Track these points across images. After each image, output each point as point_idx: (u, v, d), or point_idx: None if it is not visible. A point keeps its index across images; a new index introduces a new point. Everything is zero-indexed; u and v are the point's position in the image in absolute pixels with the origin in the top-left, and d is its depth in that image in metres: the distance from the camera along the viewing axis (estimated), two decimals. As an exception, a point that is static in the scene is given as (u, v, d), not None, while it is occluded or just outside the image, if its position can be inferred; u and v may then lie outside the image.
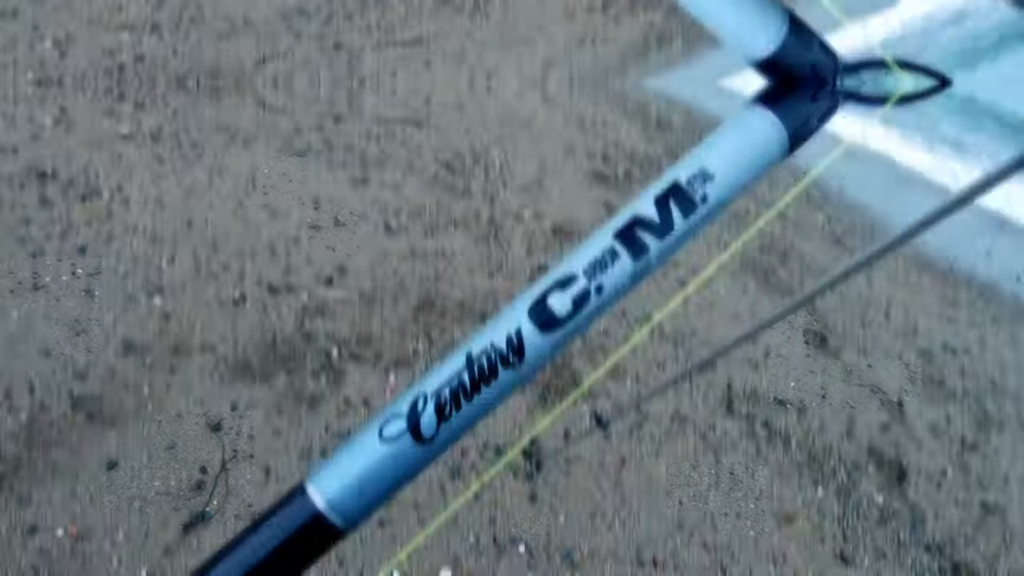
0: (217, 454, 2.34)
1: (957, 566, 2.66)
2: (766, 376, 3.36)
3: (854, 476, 2.94)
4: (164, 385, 2.52)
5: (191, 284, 3.00)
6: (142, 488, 2.16)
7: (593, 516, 2.50)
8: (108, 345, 2.60)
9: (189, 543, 2.06)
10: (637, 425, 2.92)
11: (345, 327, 3.00)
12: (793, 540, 2.61)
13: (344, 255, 3.46)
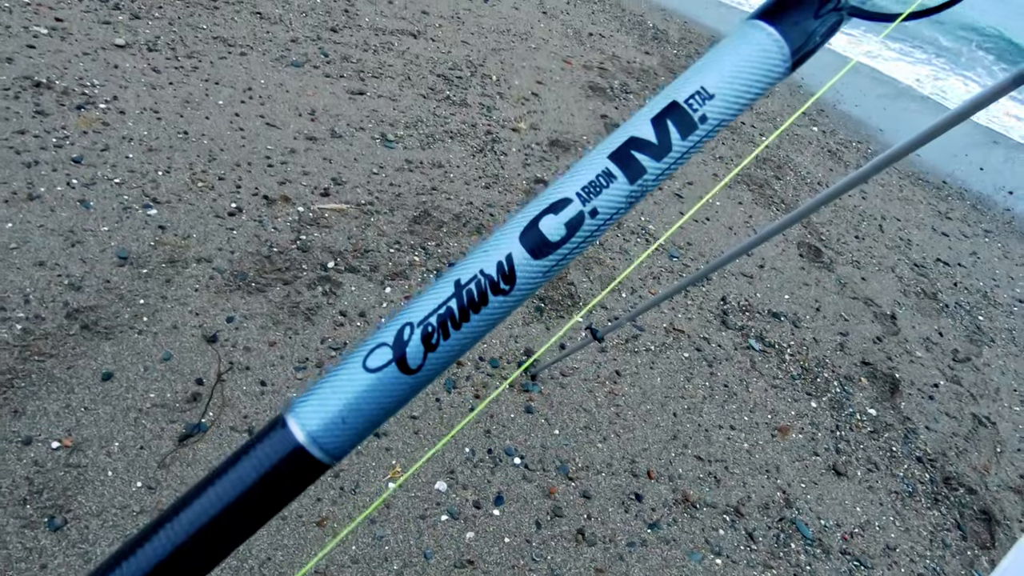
0: (213, 366, 2.23)
1: (948, 478, 2.59)
2: (760, 289, 3.24)
3: (847, 389, 2.84)
4: (160, 296, 2.39)
5: (187, 195, 2.84)
6: (137, 400, 2.06)
7: (588, 428, 2.41)
8: (104, 256, 2.46)
9: (185, 455, 1.96)
10: (632, 338, 2.80)
11: (341, 239, 2.85)
12: (786, 452, 2.53)
13: (340, 167, 3.29)
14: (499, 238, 0.46)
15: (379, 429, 2.04)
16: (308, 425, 0.44)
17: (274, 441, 0.44)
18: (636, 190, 0.47)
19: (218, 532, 0.42)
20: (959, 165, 5.71)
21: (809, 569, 2.16)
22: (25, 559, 1.65)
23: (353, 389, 0.44)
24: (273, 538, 1.84)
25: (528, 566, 1.95)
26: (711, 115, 0.45)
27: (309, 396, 0.45)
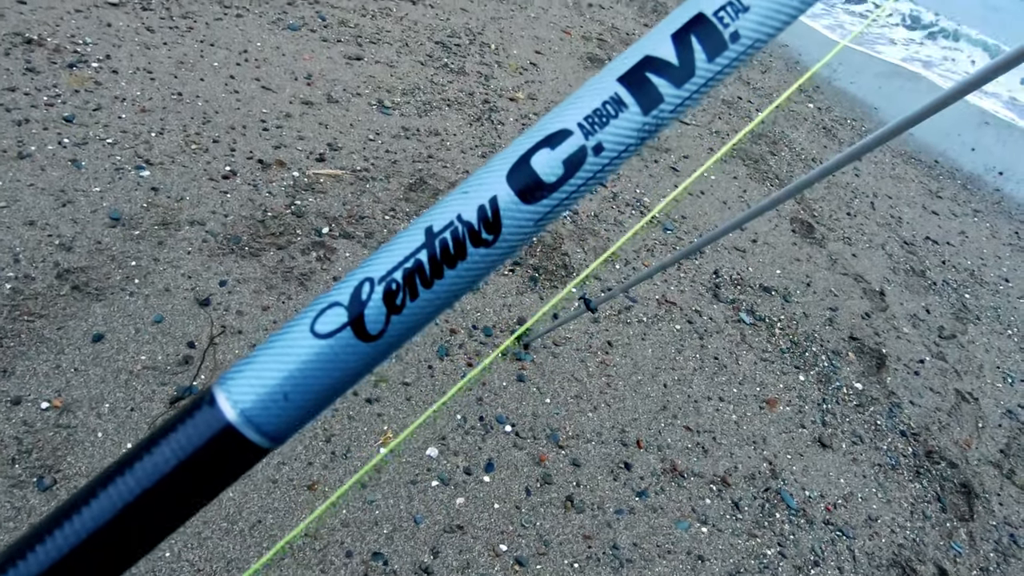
0: (205, 329, 2.19)
1: (931, 451, 2.59)
2: (752, 263, 3.21)
3: (835, 363, 2.83)
4: (152, 258, 2.34)
5: (180, 157, 2.78)
6: (128, 362, 2.02)
7: (579, 398, 2.39)
8: (95, 217, 2.40)
9: (176, 417, 1.93)
10: (625, 309, 2.77)
11: (336, 204, 2.80)
12: (774, 424, 2.52)
13: (337, 132, 3.22)
14: (482, 177, 0.37)
15: (371, 395, 2.01)
16: (241, 402, 0.35)
17: (199, 420, 0.35)
18: (651, 122, 0.37)
19: (128, 528, 0.34)
20: (951, 144, 5.67)
21: (793, 538, 2.16)
22: (13, 518, 1.63)
23: (297, 358, 0.35)
24: (264, 501, 1.81)
25: (517, 532, 1.93)
26: (744, 32, 0.35)
27: (244, 366, 0.36)
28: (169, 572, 1.63)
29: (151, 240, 2.40)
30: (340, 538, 1.80)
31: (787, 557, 2.11)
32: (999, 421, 2.88)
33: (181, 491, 0.35)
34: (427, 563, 1.80)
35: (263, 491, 1.83)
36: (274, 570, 1.69)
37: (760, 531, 2.15)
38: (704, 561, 2.02)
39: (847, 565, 2.14)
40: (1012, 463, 2.70)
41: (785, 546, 2.13)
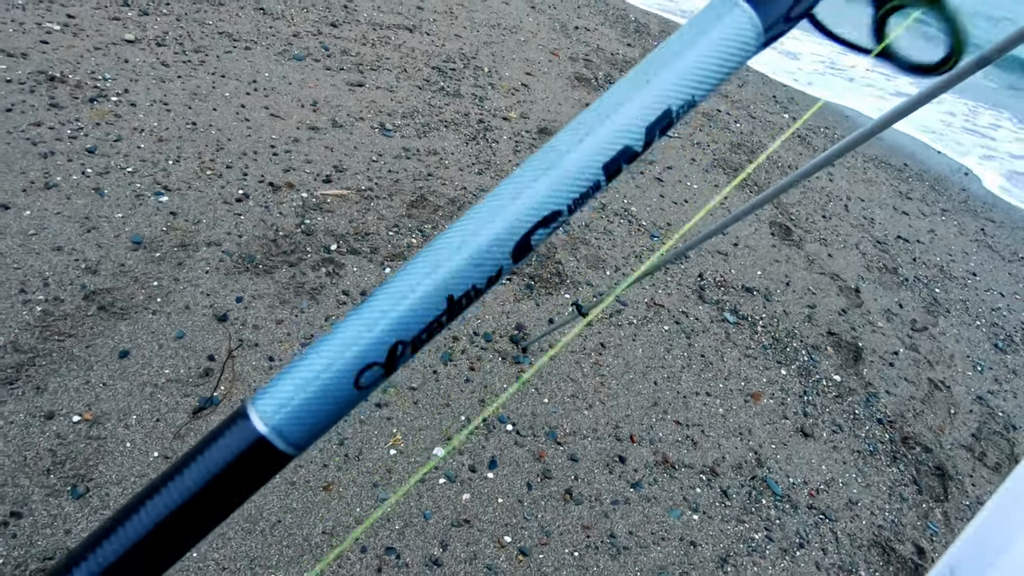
0: (224, 343, 2.21)
1: (906, 437, 2.61)
2: (735, 266, 3.24)
3: (814, 357, 2.85)
4: (172, 278, 2.37)
5: (196, 183, 2.81)
6: (153, 376, 2.04)
7: (575, 397, 2.41)
8: (118, 241, 2.43)
9: (199, 427, 1.95)
10: (616, 312, 2.80)
11: (343, 222, 2.83)
12: (758, 416, 2.54)
13: (342, 155, 3.25)
14: (492, 250, 0.41)
15: (380, 400, 2.04)
16: (271, 418, 0.39)
17: (236, 432, 0.39)
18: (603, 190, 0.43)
19: (177, 529, 0.38)
20: (917, 147, 5.70)
21: (779, 523, 2.18)
22: (50, 524, 1.65)
23: (336, 402, 0.40)
24: (282, 502, 1.84)
25: (520, 524, 1.95)
26: (687, 109, 0.42)
27: (275, 390, 0.40)
28: (197, 571, 1.65)
29: (171, 261, 2.42)
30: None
31: (774, 540, 2.12)
32: (970, 407, 2.90)
33: (221, 494, 0.39)
34: (437, 555, 1.82)
35: (281, 493, 1.86)
36: (293, 566, 1.71)
37: (748, 517, 2.17)
38: (696, 546, 2.04)
39: (830, 547, 2.16)
40: (983, 446, 2.72)
41: (772, 530, 2.15)
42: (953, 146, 5.92)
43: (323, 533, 1.80)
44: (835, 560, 2.12)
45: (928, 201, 4.68)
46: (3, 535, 1.60)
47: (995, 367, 3.20)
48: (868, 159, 5.05)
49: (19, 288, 2.17)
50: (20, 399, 1.88)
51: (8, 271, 2.21)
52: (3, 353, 1.97)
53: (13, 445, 1.78)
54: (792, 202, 4.05)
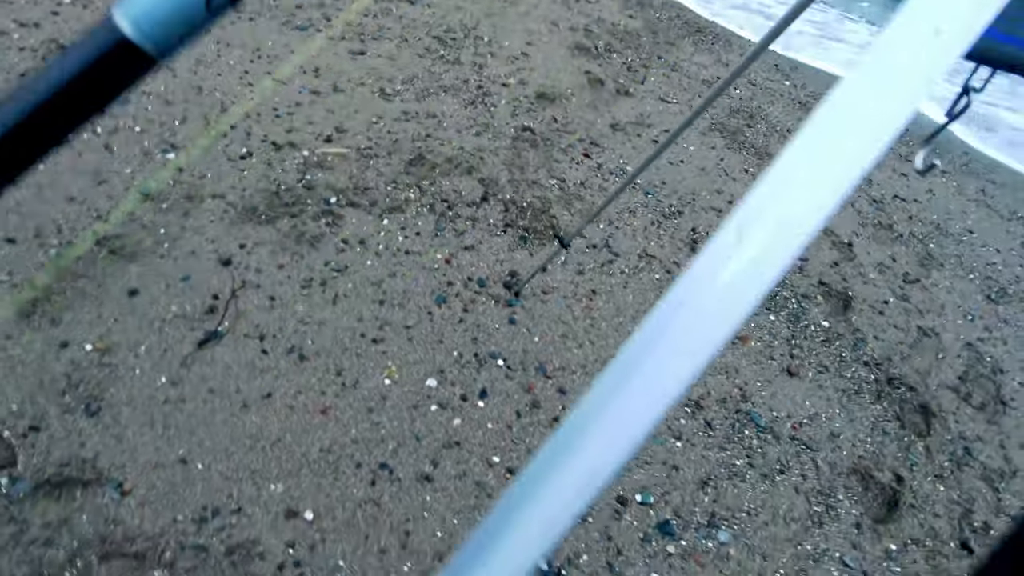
0: (227, 284, 2.35)
1: (892, 378, 2.71)
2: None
3: (804, 305, 2.95)
4: (179, 227, 2.51)
5: (202, 141, 2.95)
6: (161, 311, 2.18)
7: (565, 337, 2.52)
8: (127, 193, 2.57)
9: (203, 356, 2.09)
10: (608, 262, 2.91)
11: (343, 178, 2.96)
12: (745, 357, 2.65)
13: (343, 117, 3.38)
14: None
15: (376, 336, 2.16)
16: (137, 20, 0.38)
17: (100, 33, 0.38)
18: None
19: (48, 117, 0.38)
20: (917, 115, 5.75)
21: (760, 451, 2.29)
22: (65, 438, 1.79)
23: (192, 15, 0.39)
24: (283, 424, 1.97)
25: (508, 447, 2.08)
26: None
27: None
28: (202, 480, 1.79)
29: (178, 211, 2.56)
30: (351, 452, 1.95)
31: (755, 466, 2.23)
32: (959, 352, 2.99)
33: (89, 90, 0.40)
34: (428, 472, 1.95)
35: (282, 415, 1.99)
36: (292, 478, 1.85)
37: (730, 445, 2.28)
38: (678, 470, 2.15)
39: (810, 473, 2.26)
40: (969, 388, 2.81)
41: (753, 458, 2.26)
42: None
43: (320, 451, 1.94)
44: (814, 485, 2.23)
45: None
46: (23, 445, 1.75)
47: (986, 316, 3.28)
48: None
49: (35, 233, 2.31)
50: (37, 330, 2.02)
51: (24, 219, 2.35)
52: (20, 290, 2.11)
53: (31, 369, 1.92)
54: (789, 163, 4.13)
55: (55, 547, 1.58)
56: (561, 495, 0.33)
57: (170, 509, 1.71)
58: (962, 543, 2.17)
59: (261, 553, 1.68)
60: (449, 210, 2.96)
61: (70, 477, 1.71)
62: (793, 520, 2.10)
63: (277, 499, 1.80)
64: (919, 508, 2.24)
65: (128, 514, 1.67)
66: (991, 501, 2.34)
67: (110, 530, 1.64)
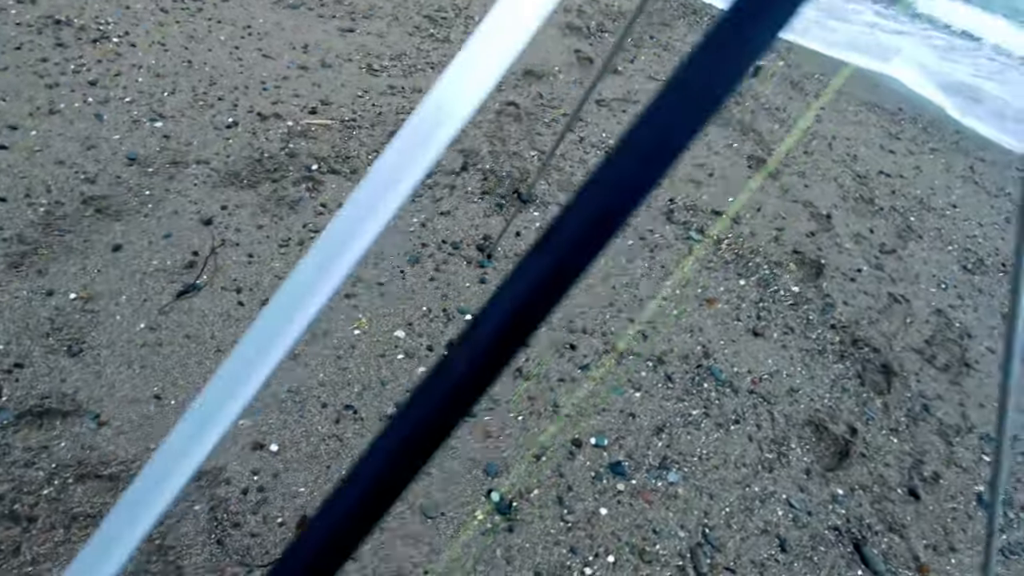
0: (208, 241, 2.49)
1: (857, 340, 2.81)
2: (707, 193, 3.45)
3: (775, 271, 3.06)
4: (163, 189, 2.66)
5: (189, 111, 3.09)
6: (142, 265, 2.33)
7: (534, 295, 2.64)
8: (115, 157, 2.72)
9: (182, 306, 2.23)
10: (582, 227, 3.02)
11: (325, 148, 3.10)
12: (711, 318, 2.76)
13: (329, 90, 3.52)
14: None
15: (349, 291, 2.30)
16: None
17: None
18: None
19: None
20: (914, 95, 5.82)
21: (718, 403, 2.40)
22: (48, 375, 1.94)
23: None
24: (254, 367, 2.10)
25: (470, 393, 2.20)
26: None
27: None
28: (175, 414, 1.93)
29: (163, 175, 2.71)
30: (317, 394, 2.09)
31: (710, 416, 2.35)
32: (927, 318, 3.09)
33: None
34: (391, 413, 2.09)
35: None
36: (260, 415, 1.99)
37: (688, 397, 2.40)
38: (635, 417, 2.27)
39: (765, 424, 2.38)
40: (934, 351, 2.92)
41: (709, 408, 2.38)
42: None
43: (288, 391, 2.08)
44: (768, 435, 2.34)
45: (918, 141, 4.82)
46: (8, 380, 1.90)
47: (960, 285, 3.38)
48: (860, 103, 5.20)
49: (24, 193, 2.46)
50: (24, 279, 2.17)
51: (15, 180, 2.50)
52: (9, 244, 2.26)
53: (17, 314, 2.07)
54: (774, 139, 4.24)
55: (35, 468, 1.73)
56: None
57: (143, 439, 1.85)
58: (909, 490, 2.28)
59: (228, 479, 1.82)
60: (428, 178, 3.09)
61: (51, 408, 1.86)
62: (744, 465, 2.22)
63: (245, 433, 1.94)
64: (870, 458, 2.36)
65: (104, 442, 1.82)
66: (943, 453, 2.45)
67: (86, 455, 1.78)
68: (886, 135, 4.78)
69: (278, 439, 1.94)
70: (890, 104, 5.36)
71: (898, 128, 4.94)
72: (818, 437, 2.40)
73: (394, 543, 1.78)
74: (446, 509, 1.88)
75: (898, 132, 4.86)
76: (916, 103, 5.59)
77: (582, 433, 2.18)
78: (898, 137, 4.79)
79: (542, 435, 2.14)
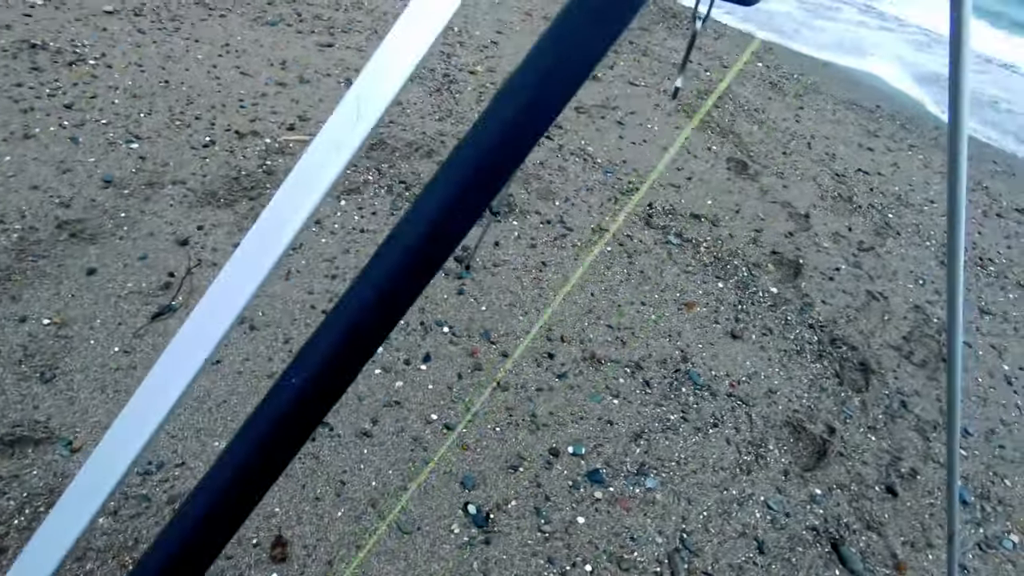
0: (184, 262, 2.48)
1: (835, 339, 2.81)
2: (686, 196, 3.45)
3: (754, 273, 3.05)
4: (139, 211, 2.64)
5: (166, 132, 3.08)
6: (117, 288, 2.31)
7: (512, 306, 2.64)
8: (90, 181, 2.71)
9: (157, 328, 2.22)
10: (560, 236, 3.02)
11: (302, 163, 3.08)
12: (690, 322, 2.75)
13: (307, 106, 3.51)
14: None
15: (326, 307, 2.28)
16: None
17: None
18: None
19: None
20: (895, 91, 5.83)
21: (696, 407, 2.39)
22: (20, 402, 1.92)
23: None
24: (230, 386, 2.09)
25: (448, 405, 2.20)
26: None
27: None
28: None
29: (139, 197, 2.69)
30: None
31: (689, 421, 2.34)
32: (905, 315, 3.09)
33: None
34: (367, 428, 2.07)
35: (229, 379, 2.11)
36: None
37: (666, 402, 2.39)
38: (613, 424, 2.26)
39: (744, 426, 2.37)
40: (912, 347, 2.91)
41: (688, 413, 2.37)
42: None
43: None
44: (746, 437, 2.33)
45: (896, 139, 4.83)
46: (-21, 409, 1.88)
47: (938, 281, 3.37)
48: (839, 101, 5.21)
49: (-1, 219, 2.45)
50: (-3, 306, 2.16)
51: (-11, 206, 2.49)
52: (-17, 271, 2.25)
53: (-10, 341, 2.06)
54: (754, 140, 4.24)
55: (6, 498, 1.71)
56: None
57: (116, 463, 1.83)
58: (887, 487, 2.27)
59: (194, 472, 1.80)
60: (407, 191, 3.08)
61: (23, 436, 1.84)
62: (722, 468, 2.21)
63: (219, 454, 1.92)
64: (848, 456, 2.35)
65: (76, 469, 1.80)
66: (921, 449, 2.44)
67: (59, 483, 1.77)
68: (864, 133, 4.78)
69: (253, 459, 1.92)
70: (867, 102, 5.36)
71: (876, 126, 4.94)
72: (796, 438, 2.39)
73: (370, 561, 1.76)
74: (423, 524, 1.87)
75: (876, 130, 4.87)
76: (895, 100, 5.60)
77: (560, 442, 2.17)
78: (876, 135, 4.79)
79: (519, 445, 2.13)
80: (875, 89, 5.72)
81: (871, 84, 5.84)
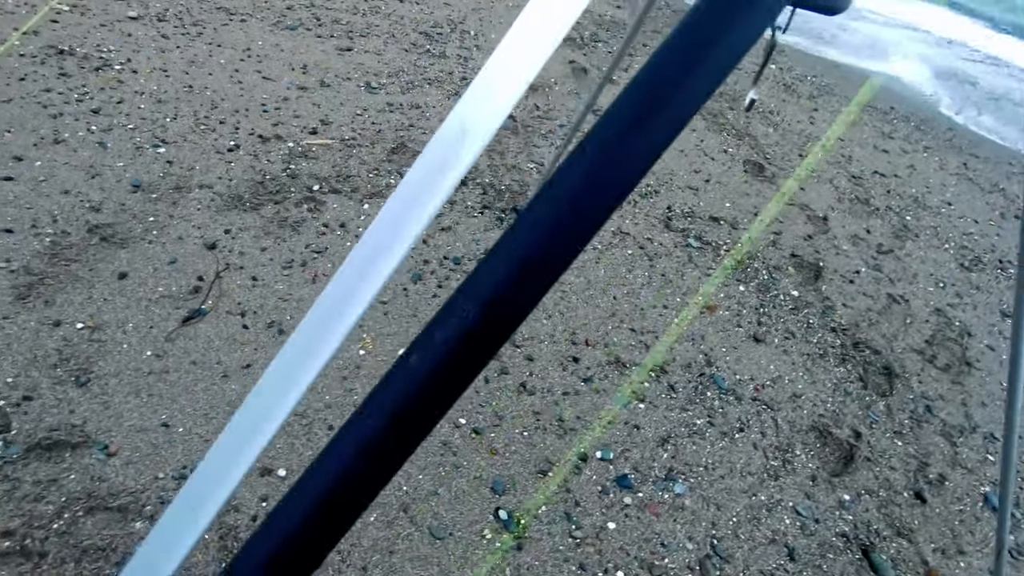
0: (212, 266, 2.47)
1: (858, 343, 2.78)
2: (704, 199, 3.42)
3: (774, 276, 3.02)
4: (168, 215, 2.63)
5: (191, 136, 3.07)
6: (148, 292, 2.30)
7: (535, 309, 2.62)
8: (119, 185, 2.70)
9: (187, 332, 2.21)
10: (582, 239, 2.99)
11: (326, 167, 3.07)
12: (712, 325, 2.73)
13: (328, 110, 3.50)
14: None
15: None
16: None
17: None
18: None
19: None
20: (909, 92, 5.79)
21: (721, 411, 2.37)
22: (56, 406, 1.91)
23: None
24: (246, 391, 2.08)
25: (475, 409, 2.18)
26: None
27: None
28: (183, 442, 1.91)
29: (167, 201, 2.68)
30: (324, 416, 2.06)
31: (715, 425, 2.32)
32: (927, 318, 3.05)
33: None
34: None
35: (251, 384, 2.10)
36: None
37: (692, 406, 2.37)
38: (639, 429, 2.24)
39: (770, 431, 2.35)
40: (935, 351, 2.88)
41: (714, 417, 2.35)
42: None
43: (295, 415, 2.05)
44: (772, 442, 2.31)
45: (911, 140, 4.78)
46: (17, 413, 1.87)
47: (958, 284, 3.34)
48: (853, 103, 5.17)
49: (31, 224, 2.44)
50: (31, 311, 2.15)
51: (21, 211, 2.48)
52: (16, 276, 2.24)
53: (25, 346, 2.05)
54: (769, 143, 4.20)
55: (45, 502, 1.70)
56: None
57: (152, 468, 1.83)
58: (916, 493, 2.25)
59: (236, 506, 1.80)
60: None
61: (60, 440, 1.83)
62: (749, 474, 2.19)
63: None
64: (875, 462, 2.32)
65: (113, 472, 1.80)
66: (948, 454, 2.41)
67: (96, 487, 1.76)
68: (879, 135, 4.74)
69: (285, 464, 1.92)
70: (882, 103, 5.32)
71: (891, 127, 4.90)
72: (822, 443, 2.36)
73: (404, 566, 1.75)
74: (454, 529, 1.85)
75: (891, 131, 4.83)
76: (909, 102, 5.55)
77: (588, 447, 2.15)
78: (891, 136, 4.75)
79: (548, 450, 2.11)
80: (888, 91, 5.68)
81: (885, 86, 5.79)
